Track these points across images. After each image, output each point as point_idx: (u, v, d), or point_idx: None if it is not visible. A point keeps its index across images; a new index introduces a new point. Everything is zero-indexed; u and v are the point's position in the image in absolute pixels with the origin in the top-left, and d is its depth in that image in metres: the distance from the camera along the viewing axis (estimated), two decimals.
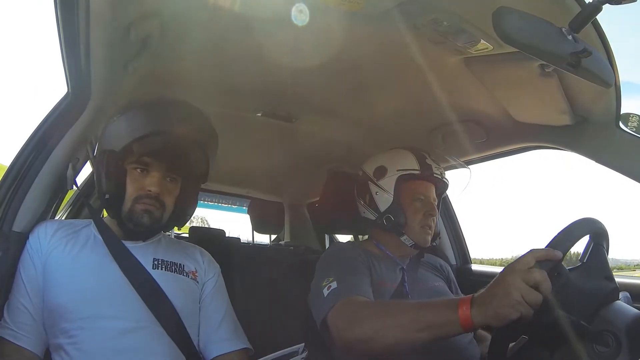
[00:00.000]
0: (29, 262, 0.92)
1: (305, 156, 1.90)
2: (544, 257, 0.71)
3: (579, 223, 0.78)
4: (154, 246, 1.03)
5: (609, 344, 0.67)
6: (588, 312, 0.71)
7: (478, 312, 0.72)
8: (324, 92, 1.27)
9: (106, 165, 0.96)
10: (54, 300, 0.88)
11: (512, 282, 0.69)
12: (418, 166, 1.20)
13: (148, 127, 0.94)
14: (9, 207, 0.95)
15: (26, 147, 1.01)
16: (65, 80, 1.01)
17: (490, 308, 0.70)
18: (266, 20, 0.90)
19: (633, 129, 0.96)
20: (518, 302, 0.67)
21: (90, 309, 0.88)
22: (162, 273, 0.98)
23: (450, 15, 0.82)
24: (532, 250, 0.72)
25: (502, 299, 0.69)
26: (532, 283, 0.68)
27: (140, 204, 0.96)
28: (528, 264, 0.70)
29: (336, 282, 0.99)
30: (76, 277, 0.91)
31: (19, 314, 0.87)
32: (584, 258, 0.80)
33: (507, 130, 1.24)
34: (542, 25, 0.67)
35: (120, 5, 0.79)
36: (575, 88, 0.96)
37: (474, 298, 0.74)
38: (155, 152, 0.95)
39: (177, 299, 0.95)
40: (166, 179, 0.99)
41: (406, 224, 1.19)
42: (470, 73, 1.02)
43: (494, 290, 0.72)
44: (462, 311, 0.73)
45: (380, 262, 1.17)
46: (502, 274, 0.72)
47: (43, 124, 1.03)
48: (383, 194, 1.22)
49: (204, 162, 1.02)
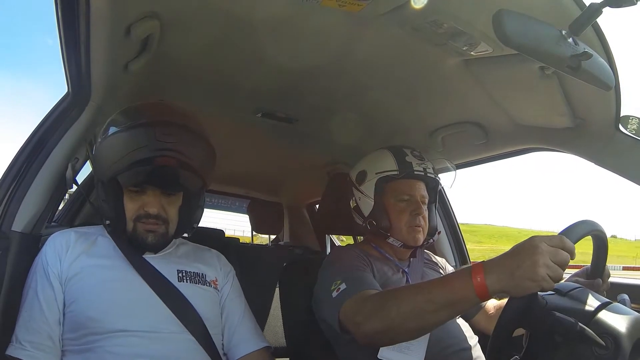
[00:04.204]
0: (45, 277, 0.89)
1: (305, 157, 1.91)
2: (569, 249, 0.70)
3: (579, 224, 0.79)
4: (175, 257, 1.03)
5: (607, 347, 0.67)
6: (586, 314, 0.71)
7: (496, 279, 0.70)
8: (324, 93, 1.27)
9: (100, 192, 0.95)
10: (83, 313, 0.87)
11: (541, 259, 0.67)
12: (396, 166, 1.17)
13: (130, 158, 0.88)
14: (8, 207, 0.95)
15: (26, 147, 1.01)
16: (65, 80, 1.01)
17: (513, 278, 0.68)
18: (266, 21, 0.90)
19: (633, 131, 0.97)
20: (543, 278, 0.67)
21: (121, 321, 0.87)
22: (188, 285, 0.98)
23: (450, 17, 0.82)
24: (561, 236, 0.71)
25: (527, 272, 0.67)
26: (559, 263, 0.68)
27: (141, 223, 0.94)
28: (557, 245, 0.69)
29: (344, 283, 0.99)
30: (105, 289, 0.89)
31: (35, 333, 0.85)
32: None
33: (507, 132, 1.24)
34: (543, 28, 0.67)
35: (120, 5, 0.79)
36: (575, 90, 0.96)
37: (487, 265, 0.72)
38: (142, 182, 0.92)
39: (203, 309, 0.96)
40: (165, 194, 0.96)
41: (391, 227, 1.17)
42: (470, 75, 1.02)
43: (517, 261, 0.69)
44: (477, 281, 0.71)
45: (383, 264, 1.17)
46: (528, 248, 0.69)
47: (43, 124, 1.03)
48: (365, 199, 1.22)
49: (197, 179, 0.97)
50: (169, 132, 0.90)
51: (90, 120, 1.08)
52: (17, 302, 0.91)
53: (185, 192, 1.00)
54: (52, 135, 1.02)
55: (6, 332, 0.88)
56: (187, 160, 0.91)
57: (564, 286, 0.80)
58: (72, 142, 1.05)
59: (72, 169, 1.08)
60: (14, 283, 0.92)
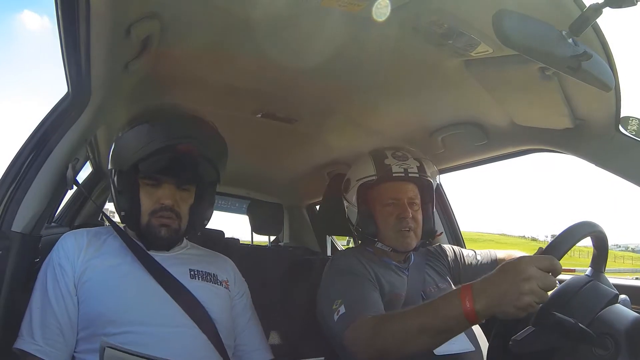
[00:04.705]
0: (57, 276, 0.91)
1: (305, 158, 1.90)
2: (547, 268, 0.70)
3: (579, 226, 0.78)
4: (187, 256, 1.06)
5: (608, 347, 0.67)
6: (587, 315, 0.71)
7: (485, 305, 0.71)
8: (324, 94, 1.27)
9: (117, 183, 0.99)
10: (95, 310, 0.89)
11: (527, 287, 0.67)
12: (374, 171, 1.16)
13: (153, 145, 0.93)
14: (8, 207, 0.95)
15: (26, 147, 1.01)
16: (65, 80, 1.01)
17: (500, 305, 0.69)
18: (266, 21, 0.90)
19: (633, 132, 0.97)
20: (529, 305, 0.67)
21: (134, 317, 0.88)
22: (200, 283, 1.00)
23: (450, 18, 0.83)
24: (551, 258, 0.71)
25: (513, 300, 0.68)
26: (546, 288, 0.68)
27: (156, 217, 0.97)
28: (546, 268, 0.69)
29: (344, 305, 0.99)
30: (117, 286, 0.91)
31: (46, 329, 0.87)
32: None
33: (507, 133, 1.24)
34: (543, 28, 0.67)
35: (120, 5, 0.79)
36: (575, 91, 0.95)
37: (475, 289, 0.72)
38: (162, 170, 0.96)
39: (213, 307, 0.97)
40: (179, 189, 1.00)
41: (379, 232, 1.16)
42: (470, 75, 1.02)
43: (504, 287, 0.69)
44: (466, 308, 0.72)
45: (383, 269, 1.16)
46: (515, 274, 0.69)
47: (43, 124, 1.03)
48: (351, 207, 1.22)
49: (213, 171, 1.03)
50: (189, 124, 1.00)
51: (90, 120, 1.08)
52: (17, 302, 0.91)
53: (197, 189, 1.04)
54: (52, 135, 1.02)
55: (7, 331, 0.88)
56: (205, 151, 0.99)
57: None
58: (72, 142, 1.05)
59: (73, 169, 1.08)
60: (14, 283, 0.92)
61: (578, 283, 0.77)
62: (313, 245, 2.55)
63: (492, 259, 1.31)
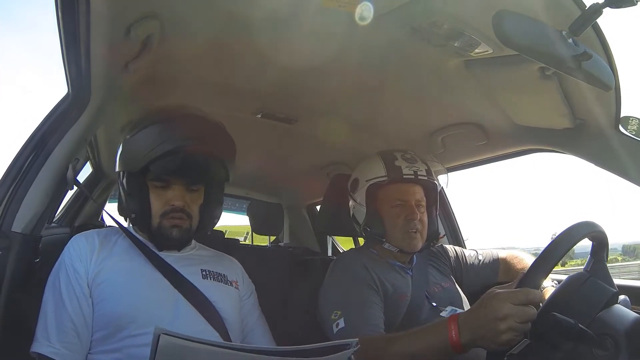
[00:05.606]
0: (71, 278, 0.90)
1: (305, 158, 1.90)
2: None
3: (578, 226, 0.78)
4: (198, 257, 1.06)
5: (608, 348, 0.67)
6: (587, 315, 0.71)
7: (470, 338, 0.76)
8: (324, 94, 1.27)
9: (127, 185, 0.98)
10: (111, 310, 0.89)
11: (503, 326, 0.70)
12: (385, 172, 1.17)
13: (163, 147, 0.93)
14: (8, 207, 0.95)
15: (26, 147, 1.01)
16: (65, 80, 1.01)
17: (483, 339, 0.74)
18: (266, 21, 0.90)
19: (633, 132, 0.97)
20: (508, 342, 0.71)
21: (148, 316, 0.88)
22: (212, 283, 1.01)
23: (450, 18, 0.83)
24: (526, 291, 0.73)
25: (493, 337, 0.72)
26: (525, 321, 0.71)
27: (167, 219, 0.97)
28: (522, 302, 0.72)
29: (343, 319, 1.01)
30: (131, 286, 0.91)
31: (62, 332, 0.86)
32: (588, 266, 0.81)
33: (507, 133, 1.24)
34: (543, 28, 0.67)
35: (120, 5, 0.79)
36: (575, 91, 0.95)
37: (461, 322, 0.78)
38: (173, 171, 0.96)
39: (223, 306, 0.98)
40: (189, 190, 1.00)
41: (386, 232, 1.17)
42: (470, 76, 1.02)
43: (483, 323, 0.74)
44: (452, 340, 0.77)
45: (386, 270, 1.16)
46: (490, 312, 0.73)
47: (43, 124, 1.03)
48: (359, 207, 1.22)
49: (223, 171, 1.03)
50: (200, 125, 1.00)
51: (90, 121, 1.08)
52: (17, 302, 0.91)
53: (206, 188, 1.04)
54: (52, 135, 1.02)
55: (7, 332, 0.88)
56: (216, 151, 0.99)
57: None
58: (72, 142, 1.05)
59: (73, 169, 1.08)
60: (14, 283, 0.91)
61: (577, 282, 0.77)
62: (313, 245, 2.55)
63: (494, 259, 1.31)
